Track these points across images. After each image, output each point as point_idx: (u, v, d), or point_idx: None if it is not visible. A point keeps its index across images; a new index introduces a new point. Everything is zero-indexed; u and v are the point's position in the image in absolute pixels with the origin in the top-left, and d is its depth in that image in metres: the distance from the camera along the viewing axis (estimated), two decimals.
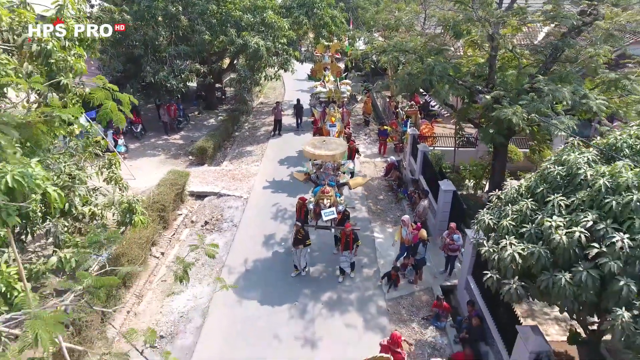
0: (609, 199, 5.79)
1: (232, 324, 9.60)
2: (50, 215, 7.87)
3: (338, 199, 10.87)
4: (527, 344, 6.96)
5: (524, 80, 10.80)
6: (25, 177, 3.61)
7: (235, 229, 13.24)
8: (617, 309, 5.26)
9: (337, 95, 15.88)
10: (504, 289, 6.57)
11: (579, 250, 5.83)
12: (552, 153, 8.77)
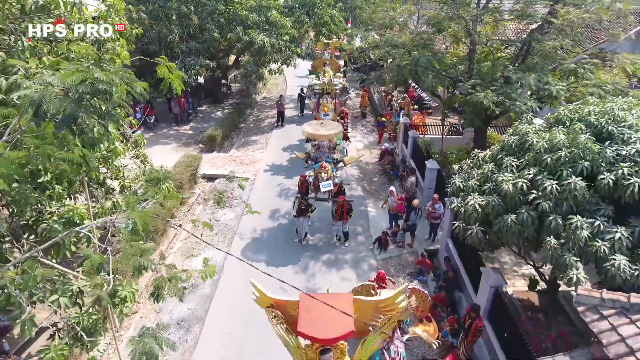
0: (546, 156, 7.38)
1: (244, 278, 11.17)
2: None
3: (334, 173, 12.47)
4: (488, 280, 8.53)
5: (497, 70, 12.38)
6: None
7: (244, 204, 14.84)
8: (548, 237, 6.84)
9: (330, 87, 17.47)
10: (468, 233, 8.17)
11: (522, 197, 7.41)
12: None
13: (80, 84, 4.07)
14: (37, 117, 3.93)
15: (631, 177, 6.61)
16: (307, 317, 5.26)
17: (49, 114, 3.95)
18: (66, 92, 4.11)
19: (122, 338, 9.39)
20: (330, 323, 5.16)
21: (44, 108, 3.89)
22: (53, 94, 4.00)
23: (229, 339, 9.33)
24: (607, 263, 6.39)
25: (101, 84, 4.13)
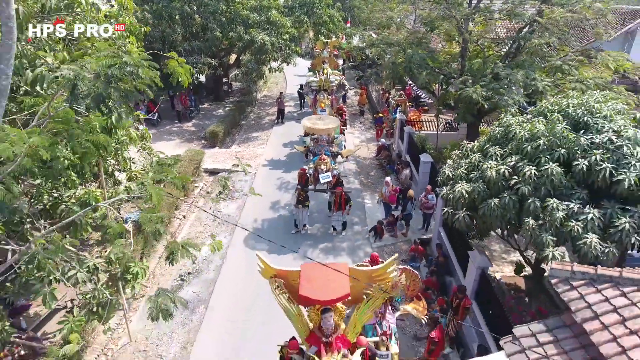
0: (526, 145, 7.95)
1: (245, 265, 11.77)
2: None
3: (332, 165, 13.05)
4: (475, 262, 9.11)
5: (488, 67, 12.95)
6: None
7: (245, 197, 15.42)
8: (527, 219, 7.42)
9: (327, 84, 18.06)
10: (455, 218, 8.74)
11: (505, 182, 7.99)
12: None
13: (110, 68, 4.65)
14: (72, 96, 4.50)
15: (603, 163, 7.19)
16: (307, 283, 5.83)
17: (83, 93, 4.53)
18: (97, 75, 4.70)
19: (131, 319, 9.96)
20: (328, 287, 5.74)
21: (79, 87, 4.47)
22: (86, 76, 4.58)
23: (232, 320, 9.90)
24: (580, 241, 6.97)
25: (129, 66, 4.71)
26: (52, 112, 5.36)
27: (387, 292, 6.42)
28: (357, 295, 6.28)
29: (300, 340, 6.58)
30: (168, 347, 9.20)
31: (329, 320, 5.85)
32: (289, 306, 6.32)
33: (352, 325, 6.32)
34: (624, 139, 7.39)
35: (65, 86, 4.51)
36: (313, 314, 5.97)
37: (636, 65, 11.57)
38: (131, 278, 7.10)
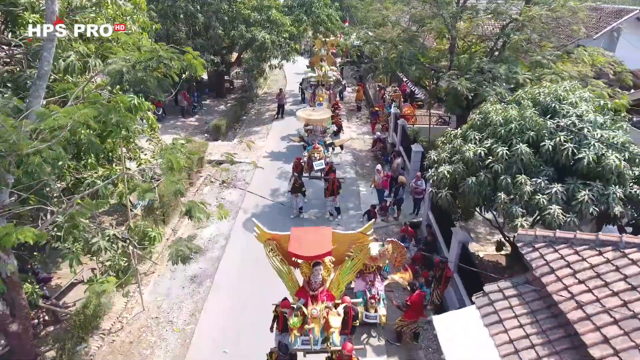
0: (500, 128, 8.86)
1: (246, 245, 12.65)
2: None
3: (325, 154, 13.99)
4: (456, 237, 10.03)
5: (474, 62, 13.85)
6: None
7: (247, 185, 16.34)
8: (500, 193, 8.32)
9: (325, 79, 18.99)
10: (439, 196, 9.65)
11: (481, 162, 8.89)
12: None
13: (150, 60, 5.60)
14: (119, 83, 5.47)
15: (566, 144, 8.09)
16: (296, 242, 6.76)
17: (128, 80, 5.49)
18: (133, 65, 5.64)
19: (143, 292, 10.85)
20: (313, 245, 6.66)
21: (126, 76, 5.42)
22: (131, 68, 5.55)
23: (235, 291, 10.82)
24: (545, 212, 7.88)
25: (164, 59, 5.66)
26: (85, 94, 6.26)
27: (366, 254, 7.38)
28: (340, 257, 7.22)
29: (291, 299, 7.49)
30: (178, 314, 10.11)
31: (318, 273, 6.75)
32: (280, 267, 7.25)
33: (335, 283, 7.24)
34: (585, 122, 8.30)
35: (115, 75, 5.48)
36: (305, 268, 6.87)
37: (608, 60, 12.45)
38: (148, 243, 8.01)
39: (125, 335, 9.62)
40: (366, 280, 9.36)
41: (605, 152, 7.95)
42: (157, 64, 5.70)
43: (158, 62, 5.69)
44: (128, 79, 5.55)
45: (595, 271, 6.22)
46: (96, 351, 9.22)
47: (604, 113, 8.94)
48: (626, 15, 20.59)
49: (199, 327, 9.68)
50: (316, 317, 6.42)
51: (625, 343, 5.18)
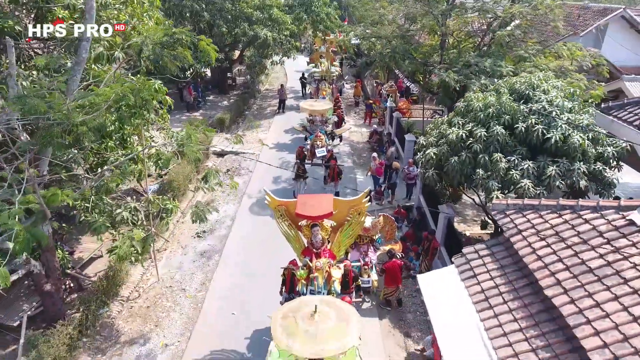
0: (480, 113, 9.87)
1: (251, 224, 13.71)
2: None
3: (327, 142, 15.00)
4: (444, 214, 11.04)
5: (463, 57, 14.86)
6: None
7: (251, 173, 17.37)
8: (479, 169, 9.33)
9: (328, 74, 20.03)
10: (426, 176, 10.66)
11: (463, 144, 9.90)
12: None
13: (165, 37, 6.61)
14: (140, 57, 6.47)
15: (537, 125, 9.11)
16: (302, 206, 7.79)
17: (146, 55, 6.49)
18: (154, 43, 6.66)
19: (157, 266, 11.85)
20: (317, 208, 7.69)
21: (144, 52, 6.41)
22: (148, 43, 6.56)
23: (242, 264, 11.84)
24: (518, 185, 8.90)
25: (178, 36, 6.67)
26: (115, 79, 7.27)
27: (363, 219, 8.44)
28: (341, 221, 8.25)
29: (298, 260, 8.51)
30: (190, 283, 11.13)
31: (317, 234, 7.78)
32: (288, 230, 8.28)
33: (336, 244, 8.28)
34: (554, 107, 9.32)
35: (135, 48, 6.48)
36: (306, 231, 7.90)
37: (584, 54, 13.44)
38: (166, 215, 9.02)
39: (142, 301, 10.64)
40: (360, 251, 10.38)
41: (571, 132, 8.97)
42: (172, 41, 6.71)
43: (172, 39, 6.70)
44: (147, 54, 6.54)
45: (554, 230, 7.26)
46: (117, 315, 10.24)
47: (573, 99, 9.94)
48: (611, 14, 21.57)
49: (209, 294, 10.70)
50: (320, 268, 7.45)
51: (573, 284, 6.20)
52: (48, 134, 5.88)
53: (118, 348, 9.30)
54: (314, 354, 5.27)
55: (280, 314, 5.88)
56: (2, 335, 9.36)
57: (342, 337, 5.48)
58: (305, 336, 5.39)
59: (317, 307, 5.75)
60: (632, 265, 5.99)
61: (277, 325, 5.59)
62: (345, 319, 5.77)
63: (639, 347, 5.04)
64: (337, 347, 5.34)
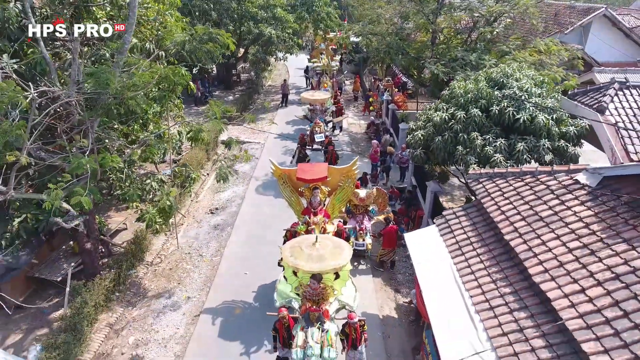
0: (461, 98, 11.32)
1: (258, 202, 15.16)
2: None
3: (325, 129, 16.49)
4: (430, 188, 12.49)
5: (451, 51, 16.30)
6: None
7: (257, 160, 18.82)
8: (459, 147, 10.76)
9: (329, 68, 21.51)
10: (414, 155, 12.11)
11: (446, 125, 11.33)
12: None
13: (203, 34, 8.08)
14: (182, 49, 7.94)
15: (509, 108, 10.54)
16: (302, 171, 9.28)
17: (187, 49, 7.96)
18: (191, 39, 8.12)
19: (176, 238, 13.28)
20: (314, 173, 9.18)
21: (187, 45, 7.88)
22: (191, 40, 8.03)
23: (252, 234, 13.29)
24: (492, 159, 10.33)
25: (213, 35, 8.14)
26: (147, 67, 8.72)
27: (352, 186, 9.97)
28: (334, 186, 9.76)
29: (298, 219, 9.97)
30: (206, 250, 12.59)
31: (317, 195, 9.25)
32: (290, 195, 9.76)
33: (330, 206, 9.77)
34: (524, 92, 10.75)
35: (180, 44, 7.97)
36: (307, 193, 9.37)
37: (559, 48, 14.86)
38: (188, 185, 10.47)
39: (165, 265, 12.10)
40: (357, 219, 11.83)
41: (537, 114, 10.41)
42: (207, 38, 8.16)
43: (209, 36, 8.16)
44: (189, 48, 8.02)
45: (517, 192, 8.70)
46: (143, 276, 11.70)
47: (541, 86, 11.37)
48: (593, 13, 23.00)
49: (224, 258, 12.16)
50: (317, 222, 8.91)
51: (527, 229, 7.64)
52: (106, 104, 7.33)
53: (146, 301, 10.76)
54: (316, 268, 6.73)
55: (288, 245, 7.34)
56: (46, 289, 10.81)
57: (337, 258, 6.96)
58: (309, 257, 6.85)
59: (317, 238, 7.21)
60: (572, 213, 7.44)
61: (286, 252, 7.07)
62: (340, 247, 7.26)
63: (570, 269, 6.49)
64: (334, 264, 6.81)
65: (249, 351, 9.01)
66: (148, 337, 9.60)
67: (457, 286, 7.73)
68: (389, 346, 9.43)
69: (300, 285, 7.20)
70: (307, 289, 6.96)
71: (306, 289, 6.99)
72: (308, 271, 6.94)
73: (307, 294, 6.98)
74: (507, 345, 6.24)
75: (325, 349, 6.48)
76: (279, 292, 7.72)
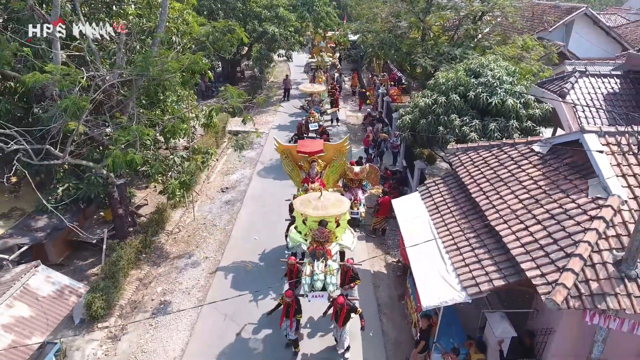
0: (442, 86, 12.97)
1: (264, 184, 16.81)
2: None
3: (319, 118, 18.21)
4: (417, 166, 14.15)
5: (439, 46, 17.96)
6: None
7: (262, 147, 20.49)
8: (440, 127, 12.41)
9: (323, 64, 23.20)
10: (402, 136, 13.77)
11: (429, 109, 12.98)
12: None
13: (223, 27, 9.75)
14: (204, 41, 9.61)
15: (482, 93, 12.19)
16: (301, 146, 10.99)
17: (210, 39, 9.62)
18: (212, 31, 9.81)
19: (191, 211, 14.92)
20: (312, 147, 10.87)
21: (210, 36, 9.53)
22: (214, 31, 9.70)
23: (259, 208, 14.95)
24: (468, 137, 11.99)
25: (231, 27, 9.80)
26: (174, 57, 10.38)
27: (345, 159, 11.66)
28: (328, 160, 11.49)
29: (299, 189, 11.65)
30: (219, 221, 14.26)
31: (314, 167, 10.93)
32: (291, 167, 11.43)
33: (326, 176, 11.47)
34: (496, 79, 12.40)
35: (206, 34, 9.63)
36: (306, 165, 11.06)
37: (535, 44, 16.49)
38: (206, 160, 12.13)
39: (183, 233, 13.76)
40: (352, 192, 13.48)
41: (507, 98, 12.05)
42: (227, 30, 9.87)
43: (228, 29, 9.87)
44: (212, 38, 9.71)
45: (485, 161, 10.34)
46: (165, 242, 13.34)
47: (513, 75, 13.00)
48: (575, 12, 24.65)
49: (235, 227, 13.84)
50: (314, 189, 10.58)
51: (489, 188, 9.29)
52: (146, 85, 8.99)
53: (169, 261, 12.42)
54: (321, 215, 8.49)
55: (299, 199, 9.13)
56: (82, 252, 12.46)
57: (338, 207, 8.74)
58: (315, 207, 8.61)
59: (322, 193, 8.93)
60: (526, 174, 9.09)
61: (297, 204, 8.87)
62: (340, 200, 9.05)
63: (518, 214, 8.14)
64: (335, 211, 8.58)
65: (256, 298, 10.67)
66: (173, 287, 11.26)
67: (432, 235, 9.39)
68: (378, 295, 11.09)
69: (309, 231, 8.95)
70: (315, 232, 8.70)
71: (314, 232, 8.73)
72: (315, 217, 8.69)
73: (315, 236, 8.72)
74: (468, 272, 7.91)
75: (328, 276, 8.15)
76: (291, 238, 9.48)
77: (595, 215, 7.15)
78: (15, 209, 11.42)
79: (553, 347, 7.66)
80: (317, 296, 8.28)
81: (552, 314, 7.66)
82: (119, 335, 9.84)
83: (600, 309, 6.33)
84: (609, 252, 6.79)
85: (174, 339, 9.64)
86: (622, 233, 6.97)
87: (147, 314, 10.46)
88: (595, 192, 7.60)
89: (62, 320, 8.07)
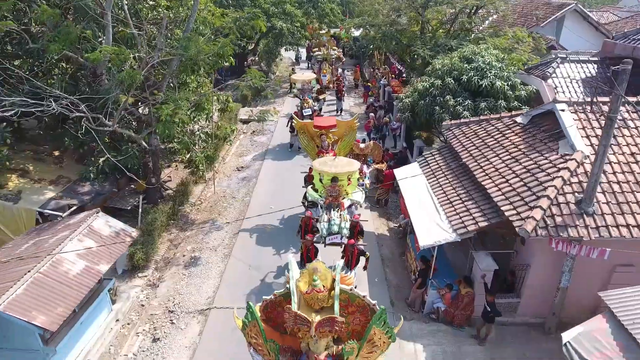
0: (438, 71, 14.49)
1: (276, 165, 18.33)
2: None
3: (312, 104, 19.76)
4: (416, 144, 15.67)
5: (438, 38, 19.48)
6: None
7: (272, 133, 22.02)
8: (436, 107, 13.92)
9: (328, 56, 24.75)
10: (402, 117, 15.29)
11: (426, 91, 14.49)
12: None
13: (247, 15, 11.32)
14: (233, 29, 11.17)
15: (474, 77, 13.71)
16: (317, 122, 12.53)
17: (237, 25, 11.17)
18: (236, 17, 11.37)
19: (211, 187, 16.42)
20: (326, 122, 12.40)
21: (237, 22, 11.08)
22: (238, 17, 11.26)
23: (273, 183, 16.47)
24: (461, 116, 13.51)
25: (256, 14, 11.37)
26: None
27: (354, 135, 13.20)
28: (341, 135, 13.00)
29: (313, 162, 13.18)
30: (237, 194, 15.79)
31: (324, 140, 12.49)
32: (307, 142, 12.95)
33: (338, 149, 12.98)
34: (486, 64, 13.92)
35: (233, 20, 11.20)
36: (317, 140, 12.59)
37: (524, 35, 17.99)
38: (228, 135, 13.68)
39: (205, 204, 15.29)
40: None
41: (496, 81, 13.56)
42: (252, 17, 11.48)
43: (254, 16, 11.48)
44: (239, 24, 11.30)
45: (475, 133, 11.87)
46: (189, 211, 14.86)
47: (502, 62, 14.50)
48: (565, 8, 26.18)
49: (252, 198, 15.38)
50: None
51: (478, 154, 10.81)
52: (185, 63, 10.54)
53: (195, 226, 13.94)
54: (334, 172, 10.11)
55: (317, 161, 10.77)
56: (117, 217, 13.94)
57: (349, 167, 10.36)
58: (330, 166, 10.24)
59: (336, 156, 10.51)
60: (509, 141, 10.61)
61: (316, 164, 10.53)
62: (351, 162, 10.72)
63: (501, 171, 9.67)
64: (347, 169, 10.23)
65: (279, 251, 12.23)
66: (201, 246, 12.79)
67: (428, 192, 10.92)
68: (382, 252, 12.61)
69: (324, 188, 10.58)
70: (328, 188, 10.32)
71: (327, 188, 10.34)
72: (330, 173, 10.32)
73: (329, 192, 10.35)
74: (458, 218, 9.44)
75: (342, 222, 9.81)
76: (310, 194, 11.13)
77: (562, 167, 8.68)
78: (61, 177, 12.90)
79: (529, 279, 9.20)
80: (333, 239, 9.85)
81: (528, 252, 9.20)
82: (157, 283, 11.36)
83: (563, 237, 7.86)
84: (572, 195, 8.32)
85: (205, 284, 11.17)
86: (584, 180, 8.50)
87: (179, 267, 11.97)
88: (564, 150, 9.13)
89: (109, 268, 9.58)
